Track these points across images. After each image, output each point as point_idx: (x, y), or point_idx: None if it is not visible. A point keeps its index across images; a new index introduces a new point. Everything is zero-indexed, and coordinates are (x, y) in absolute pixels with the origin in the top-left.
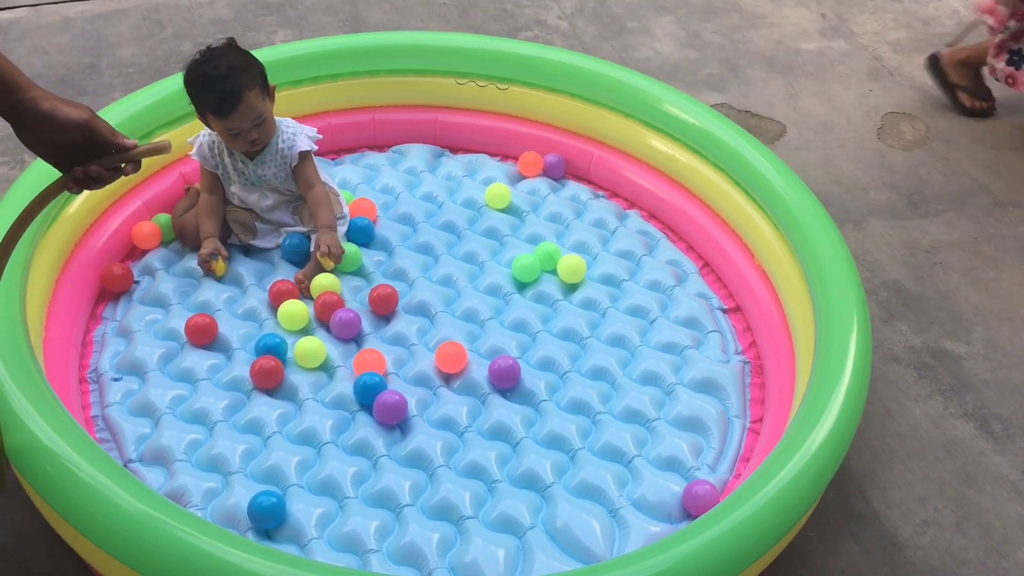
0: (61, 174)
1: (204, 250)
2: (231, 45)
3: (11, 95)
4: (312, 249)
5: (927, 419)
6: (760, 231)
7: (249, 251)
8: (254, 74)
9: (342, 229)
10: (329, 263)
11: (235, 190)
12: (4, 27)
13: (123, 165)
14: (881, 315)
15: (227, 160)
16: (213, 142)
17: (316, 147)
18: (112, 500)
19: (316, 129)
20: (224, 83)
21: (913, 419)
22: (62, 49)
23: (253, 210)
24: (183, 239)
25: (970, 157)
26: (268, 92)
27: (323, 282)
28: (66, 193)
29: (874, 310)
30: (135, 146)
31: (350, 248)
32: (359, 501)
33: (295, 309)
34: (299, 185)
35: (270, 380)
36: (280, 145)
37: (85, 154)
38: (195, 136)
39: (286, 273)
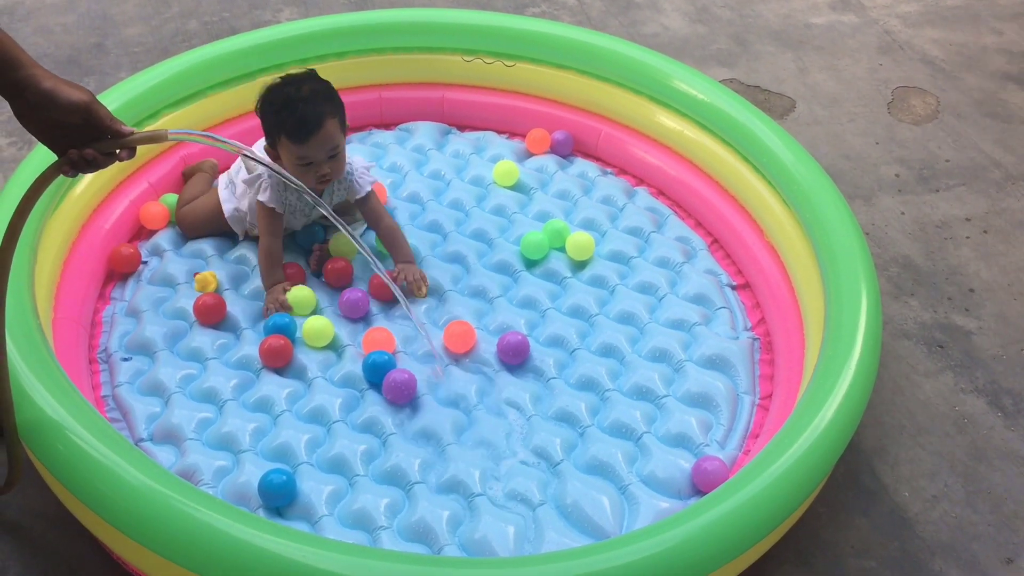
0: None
1: (277, 297)
2: (313, 73)
3: (12, 72)
4: (397, 279)
5: (937, 395)
6: (769, 207)
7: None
8: (336, 104)
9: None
10: (422, 292)
11: (286, 224)
12: (9, 7)
13: (118, 151)
14: (891, 291)
15: (291, 198)
16: (278, 181)
17: (375, 181)
18: (124, 478)
19: (370, 165)
20: (307, 105)
21: (923, 395)
22: (68, 29)
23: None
24: (185, 229)
25: (981, 131)
26: (345, 128)
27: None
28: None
29: (884, 286)
30: (132, 133)
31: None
32: (369, 479)
33: (303, 295)
34: (367, 218)
35: (279, 359)
36: (336, 187)
37: (82, 137)
38: (253, 176)
39: (294, 256)
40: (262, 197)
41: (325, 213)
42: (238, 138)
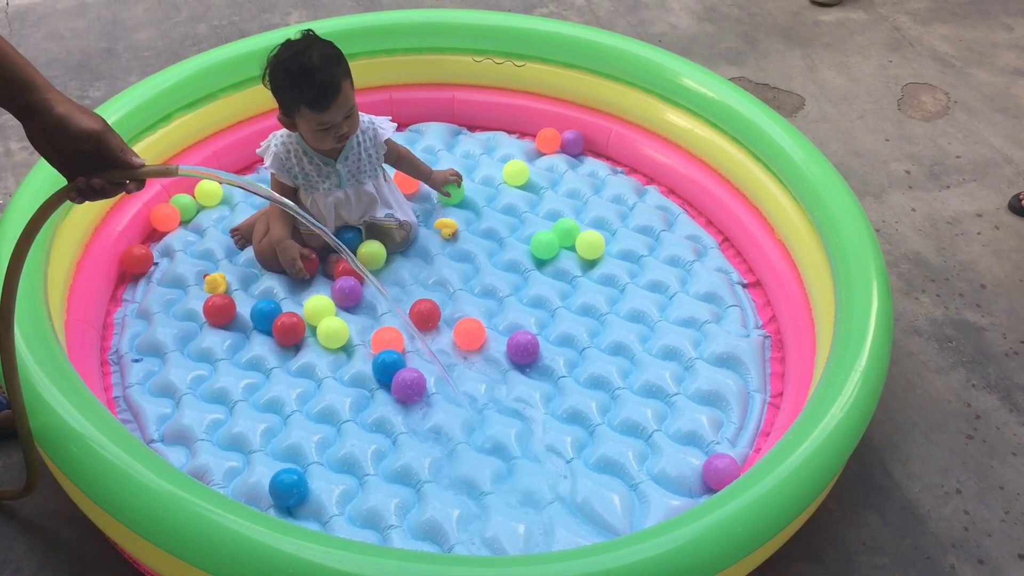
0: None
1: (291, 254)
2: (314, 35)
3: (27, 94)
4: (440, 186)
5: (949, 391)
6: (780, 205)
7: None
8: (345, 63)
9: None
10: (455, 190)
11: (318, 199)
12: (21, 12)
13: (127, 182)
14: (902, 287)
15: (308, 167)
16: (288, 151)
17: (395, 126)
18: (136, 479)
19: (389, 118)
20: (322, 73)
21: (935, 391)
22: (78, 34)
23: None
24: (266, 265)
25: (991, 127)
26: (353, 84)
27: (370, 249)
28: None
29: (895, 282)
30: (142, 165)
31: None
32: (379, 478)
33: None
34: (388, 158)
35: (292, 336)
36: (361, 138)
37: (92, 165)
38: (264, 148)
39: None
40: (268, 165)
41: (323, 234)
42: (253, 138)
